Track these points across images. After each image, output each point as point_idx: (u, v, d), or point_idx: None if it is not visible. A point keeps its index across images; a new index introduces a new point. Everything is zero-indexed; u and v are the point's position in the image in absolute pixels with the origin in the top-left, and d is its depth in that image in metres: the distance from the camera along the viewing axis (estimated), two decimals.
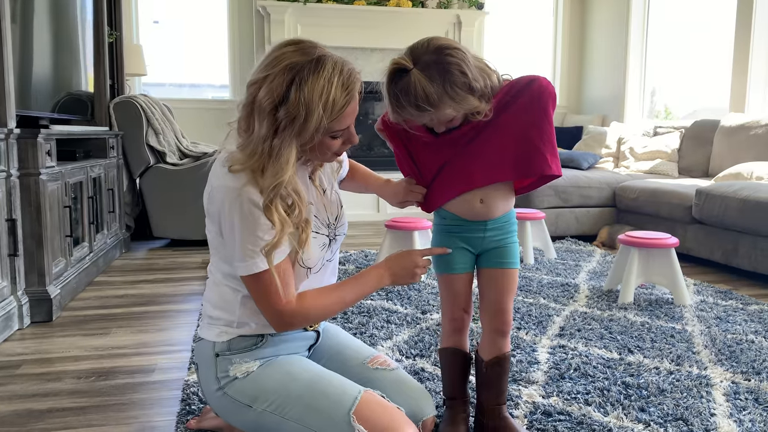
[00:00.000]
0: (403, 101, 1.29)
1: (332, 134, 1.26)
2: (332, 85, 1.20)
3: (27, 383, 1.87)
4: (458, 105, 1.29)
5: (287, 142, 1.21)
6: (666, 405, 1.66)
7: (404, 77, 1.27)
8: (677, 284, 2.66)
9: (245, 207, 1.21)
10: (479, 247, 1.47)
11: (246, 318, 1.34)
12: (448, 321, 1.52)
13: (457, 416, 1.52)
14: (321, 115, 1.19)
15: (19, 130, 2.36)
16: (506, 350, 1.49)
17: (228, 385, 1.33)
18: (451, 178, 1.42)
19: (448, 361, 1.55)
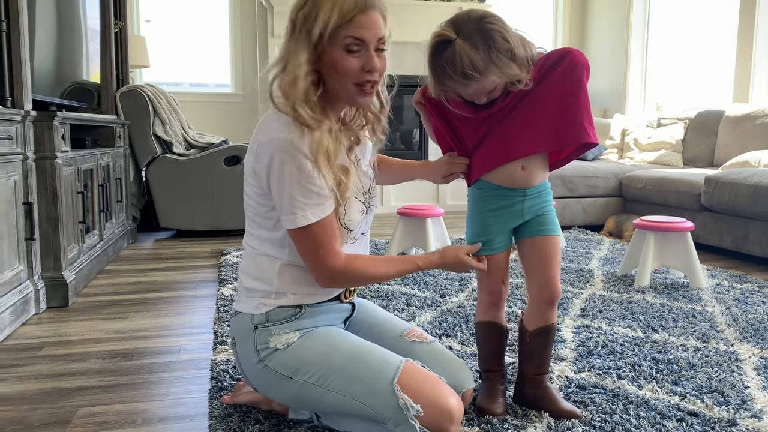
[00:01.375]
0: (450, 71, 1.29)
1: (347, 44, 1.21)
2: None
3: (52, 363, 1.85)
4: (502, 72, 1.29)
5: (301, 43, 1.21)
6: (699, 378, 1.66)
7: (448, 48, 1.27)
8: (693, 268, 2.67)
9: (296, 158, 1.21)
10: (519, 219, 1.46)
11: (284, 288, 1.33)
12: (486, 294, 1.51)
13: (494, 388, 1.51)
14: (329, 13, 1.18)
15: (35, 112, 2.34)
16: (552, 321, 1.48)
17: (268, 357, 1.31)
18: (492, 149, 1.42)
19: (486, 334, 1.54)
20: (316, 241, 1.26)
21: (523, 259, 1.50)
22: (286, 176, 1.21)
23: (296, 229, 1.25)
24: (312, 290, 1.34)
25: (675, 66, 5.45)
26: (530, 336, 1.48)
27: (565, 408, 1.45)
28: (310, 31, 1.21)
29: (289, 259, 1.33)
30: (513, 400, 1.53)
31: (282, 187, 1.23)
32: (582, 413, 1.45)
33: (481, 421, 1.42)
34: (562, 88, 1.35)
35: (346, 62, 1.23)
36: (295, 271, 1.33)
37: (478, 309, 1.55)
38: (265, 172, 1.25)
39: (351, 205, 1.34)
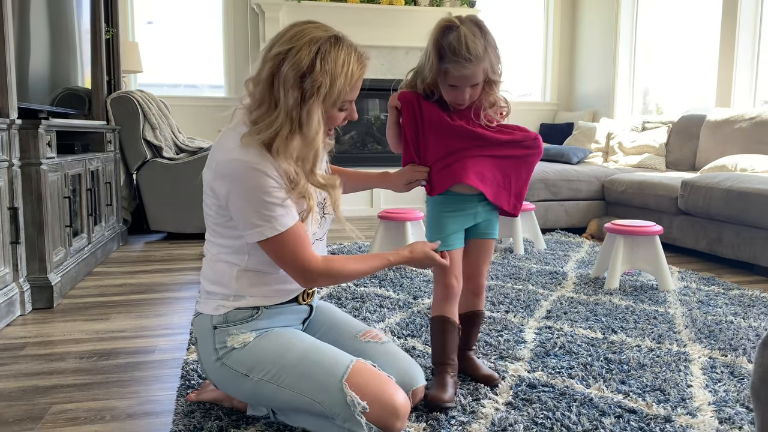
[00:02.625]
0: (453, 51, 1.45)
1: (341, 106, 1.38)
2: (351, 58, 1.34)
3: (31, 363, 1.93)
4: (492, 65, 1.50)
5: (314, 109, 1.32)
6: (645, 378, 1.74)
7: (453, 31, 1.45)
8: (661, 270, 2.74)
9: (258, 178, 1.29)
10: (471, 221, 1.64)
11: (242, 291, 1.41)
12: (441, 288, 1.64)
13: (445, 380, 1.61)
14: (343, 84, 1.32)
15: (20, 120, 2.42)
16: (478, 308, 1.74)
17: (226, 356, 1.40)
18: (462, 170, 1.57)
19: (439, 328, 1.65)
20: (288, 248, 1.34)
21: (464, 258, 1.67)
22: (249, 195, 1.30)
23: (266, 240, 1.33)
24: (269, 293, 1.43)
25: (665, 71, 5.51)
26: (460, 318, 1.70)
27: (484, 373, 1.70)
28: (325, 99, 1.32)
29: (247, 264, 1.41)
30: None
31: (246, 204, 1.31)
32: (498, 377, 1.70)
33: (429, 417, 1.50)
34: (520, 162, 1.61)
35: (337, 117, 1.40)
36: (253, 275, 1.41)
37: (433, 304, 1.67)
38: (224, 191, 1.33)
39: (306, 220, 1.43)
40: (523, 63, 6.61)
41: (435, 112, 1.55)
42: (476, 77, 1.49)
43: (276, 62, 1.32)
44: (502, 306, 2.45)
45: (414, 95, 1.58)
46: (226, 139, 1.37)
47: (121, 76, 4.49)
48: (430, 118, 1.56)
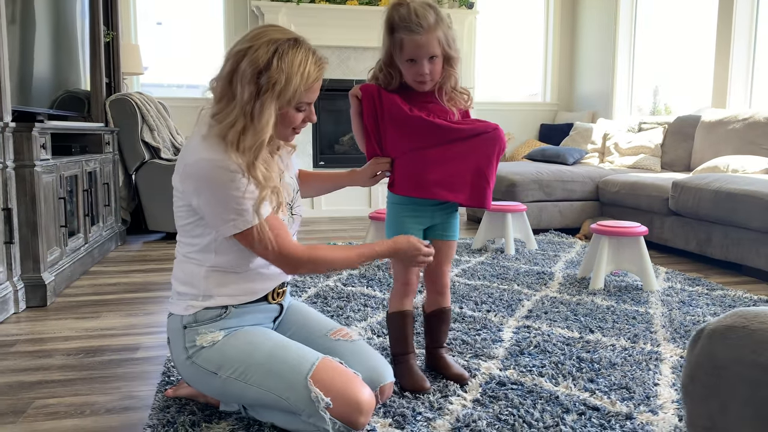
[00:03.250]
0: (403, 21, 1.51)
1: (298, 106, 1.42)
2: (308, 60, 1.39)
3: (20, 359, 1.99)
4: (446, 36, 1.55)
5: (267, 104, 1.36)
6: (614, 376, 1.77)
7: (404, 5, 1.52)
8: (645, 271, 2.77)
9: (225, 174, 1.33)
10: (429, 221, 1.69)
11: (210, 291, 1.46)
12: (401, 285, 1.72)
13: (411, 367, 1.71)
14: (298, 83, 1.37)
15: (14, 123, 2.49)
16: (445, 305, 1.80)
17: (195, 354, 1.44)
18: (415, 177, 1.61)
19: (401, 322, 1.74)
20: (267, 237, 1.38)
21: None
22: (218, 192, 1.34)
23: (242, 233, 1.37)
24: (237, 292, 1.47)
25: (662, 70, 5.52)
26: (429, 317, 1.81)
27: (455, 372, 1.75)
28: (280, 96, 1.37)
29: (215, 263, 1.45)
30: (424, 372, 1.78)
31: (216, 201, 1.35)
32: (468, 377, 1.74)
33: (395, 413, 1.54)
34: (483, 152, 1.61)
35: (295, 117, 1.44)
36: (221, 275, 1.46)
37: (392, 300, 1.75)
38: (193, 192, 1.38)
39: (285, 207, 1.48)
40: (523, 63, 6.63)
41: (394, 104, 1.59)
42: (431, 46, 1.53)
43: (236, 59, 1.37)
44: (484, 306, 2.49)
45: (375, 87, 1.63)
46: (191, 140, 1.43)
47: (121, 78, 4.56)
48: (390, 110, 1.59)
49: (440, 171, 1.60)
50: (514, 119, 6.49)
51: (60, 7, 3.34)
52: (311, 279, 2.92)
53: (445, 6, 5.64)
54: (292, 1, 5.32)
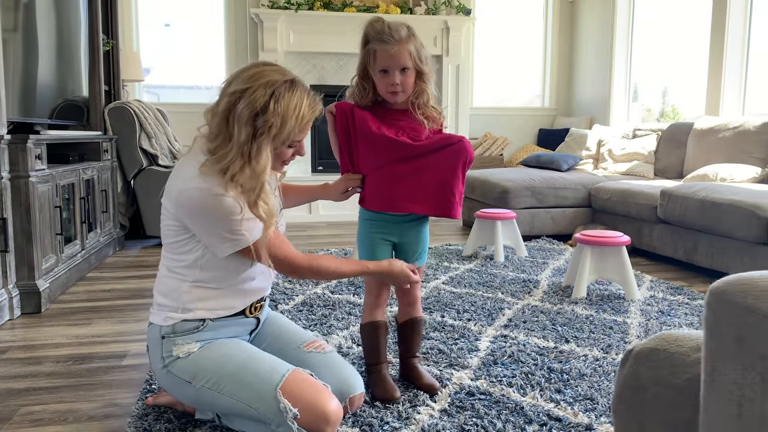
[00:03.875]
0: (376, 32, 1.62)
1: (290, 144, 1.50)
2: (303, 102, 1.47)
3: (10, 366, 2.07)
4: (417, 50, 1.64)
5: (264, 146, 1.43)
6: (581, 387, 1.82)
7: (379, 21, 1.64)
8: (627, 280, 2.81)
9: (220, 203, 1.41)
10: (397, 238, 1.76)
11: (189, 304, 1.52)
12: (373, 298, 1.80)
13: (384, 377, 1.78)
14: (293, 126, 1.44)
15: (9, 136, 2.57)
16: (416, 315, 1.87)
17: (171, 364, 1.51)
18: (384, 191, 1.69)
19: (374, 332, 1.81)
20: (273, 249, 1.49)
21: None
22: (215, 220, 1.42)
23: (243, 249, 1.45)
24: (215, 307, 1.54)
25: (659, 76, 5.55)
26: (401, 326, 1.88)
27: (425, 382, 1.81)
28: (275, 138, 1.45)
29: (199, 278, 1.52)
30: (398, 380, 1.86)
31: (213, 229, 1.43)
32: (439, 387, 1.80)
33: (363, 423, 1.60)
34: (448, 164, 1.66)
35: (286, 153, 1.53)
36: (202, 291, 1.52)
37: (364, 311, 1.82)
38: (188, 217, 1.45)
39: None
40: (521, 69, 6.67)
41: (365, 122, 1.66)
42: (402, 57, 1.61)
43: (233, 99, 1.43)
44: (466, 314, 2.54)
45: (350, 105, 1.70)
46: (186, 168, 1.48)
47: (121, 86, 4.64)
48: (361, 127, 1.67)
49: (407, 185, 1.66)
50: (512, 124, 6.53)
51: (61, 15, 3.42)
52: (300, 286, 2.98)
53: (443, 13, 5.69)
54: (291, 8, 5.39)
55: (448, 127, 5.83)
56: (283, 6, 5.39)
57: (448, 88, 5.82)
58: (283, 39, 5.48)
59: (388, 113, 1.71)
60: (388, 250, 1.78)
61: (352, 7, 5.54)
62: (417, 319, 1.87)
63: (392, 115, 1.71)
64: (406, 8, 5.66)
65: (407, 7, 5.67)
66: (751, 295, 0.71)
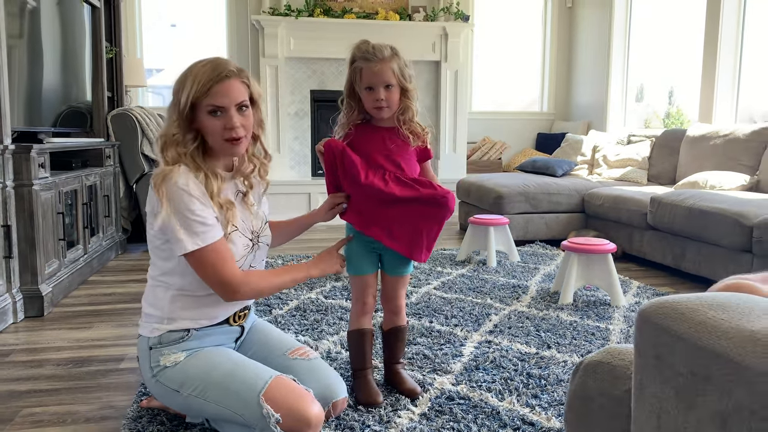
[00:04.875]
0: (361, 52, 1.72)
1: (209, 110, 1.53)
2: (206, 66, 1.55)
3: (13, 369, 2.16)
4: (401, 69, 1.73)
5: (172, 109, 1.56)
6: (557, 393, 1.90)
7: (365, 42, 1.75)
8: (613, 287, 2.88)
9: (174, 191, 1.49)
10: (382, 248, 1.83)
11: (174, 314, 1.60)
12: (360, 306, 1.88)
13: (368, 382, 1.86)
14: (190, 88, 1.52)
15: (14, 146, 2.66)
16: (400, 323, 1.94)
17: (159, 374, 1.59)
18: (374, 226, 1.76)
19: (360, 339, 1.89)
20: (209, 263, 1.52)
21: (383, 284, 1.91)
22: (170, 208, 1.49)
23: (189, 254, 1.51)
24: (198, 316, 1.62)
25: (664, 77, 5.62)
26: (385, 335, 1.97)
27: (407, 387, 1.89)
28: (179, 101, 1.54)
29: (180, 286, 1.60)
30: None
31: (169, 219, 1.50)
32: (420, 392, 1.88)
33: (345, 426, 1.68)
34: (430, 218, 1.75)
35: (211, 123, 1.55)
36: (185, 299, 1.61)
37: (351, 319, 1.91)
38: (152, 211, 1.54)
39: (235, 240, 1.61)
40: (520, 74, 6.74)
41: (354, 168, 1.73)
42: (386, 74, 1.70)
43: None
44: (453, 320, 2.62)
45: (340, 146, 1.76)
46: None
47: (124, 92, 4.74)
48: (350, 173, 1.74)
49: (386, 217, 1.74)
50: (511, 128, 6.61)
51: (65, 22, 3.52)
52: (294, 292, 3.06)
53: (441, 19, 5.77)
54: (291, 15, 5.48)
55: (446, 131, 5.91)
56: (284, 13, 5.48)
57: (447, 94, 5.89)
58: (284, 45, 5.57)
59: (376, 133, 1.79)
60: (374, 259, 1.85)
61: (351, 14, 5.62)
62: (401, 327, 1.95)
63: (379, 133, 1.79)
64: (405, 15, 5.73)
65: (406, 14, 5.75)
66: (670, 318, 0.79)
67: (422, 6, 5.83)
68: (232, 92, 1.53)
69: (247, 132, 1.59)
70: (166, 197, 1.50)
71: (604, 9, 5.89)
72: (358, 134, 1.80)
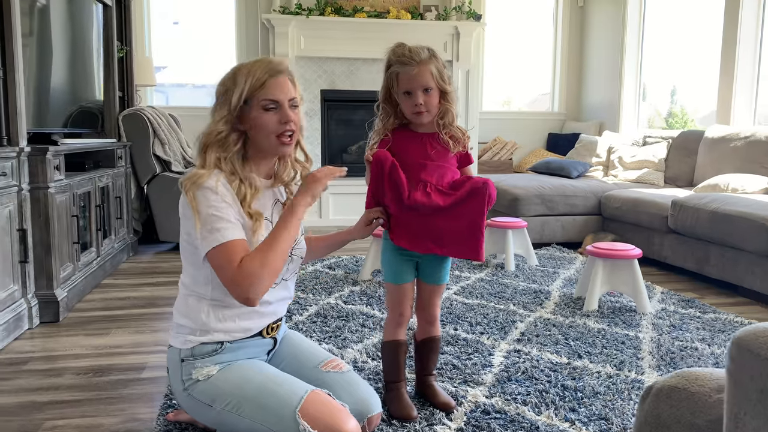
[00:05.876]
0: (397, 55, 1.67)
1: (263, 105, 1.48)
2: (257, 63, 1.51)
3: (32, 378, 2.11)
4: (439, 71, 1.68)
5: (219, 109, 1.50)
6: (595, 406, 1.84)
7: (400, 46, 1.70)
8: (639, 293, 2.83)
9: (200, 189, 1.44)
10: (420, 256, 1.77)
11: (208, 326, 1.55)
12: (397, 316, 1.81)
13: (401, 395, 1.81)
14: (244, 84, 1.47)
15: (29, 148, 2.60)
16: (434, 334, 1.88)
17: (192, 387, 1.54)
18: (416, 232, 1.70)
19: (395, 351, 1.83)
20: (224, 262, 1.44)
21: (419, 293, 1.84)
22: (195, 204, 1.44)
23: (210, 252, 1.45)
24: (233, 329, 1.56)
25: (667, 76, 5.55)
26: (419, 344, 1.90)
27: (441, 401, 1.84)
28: (230, 100, 1.49)
29: (212, 296, 1.54)
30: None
31: (194, 218, 1.45)
32: (455, 405, 1.82)
33: None
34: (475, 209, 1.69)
35: (265, 118, 1.50)
36: (218, 310, 1.55)
37: (386, 329, 1.84)
38: (183, 212, 1.49)
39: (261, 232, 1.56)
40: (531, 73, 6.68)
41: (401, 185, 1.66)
42: (425, 78, 1.65)
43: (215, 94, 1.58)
44: (478, 327, 2.56)
45: (390, 160, 1.68)
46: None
47: (135, 91, 4.68)
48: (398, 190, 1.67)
49: (434, 227, 1.68)
50: (522, 128, 6.54)
51: (75, 21, 3.46)
52: (312, 296, 3.01)
53: (453, 19, 5.70)
54: (302, 14, 5.41)
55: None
56: (294, 12, 5.41)
57: (458, 93, 5.81)
58: (294, 44, 5.51)
59: (414, 138, 1.73)
60: (412, 267, 1.79)
61: (362, 13, 5.56)
62: (435, 337, 1.89)
63: (419, 138, 1.72)
64: (416, 14, 5.67)
65: (418, 13, 5.68)
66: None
67: (434, 5, 5.76)
68: (286, 88, 1.51)
69: (297, 130, 1.55)
70: (195, 200, 1.45)
71: (617, 8, 5.82)
72: (396, 141, 1.74)
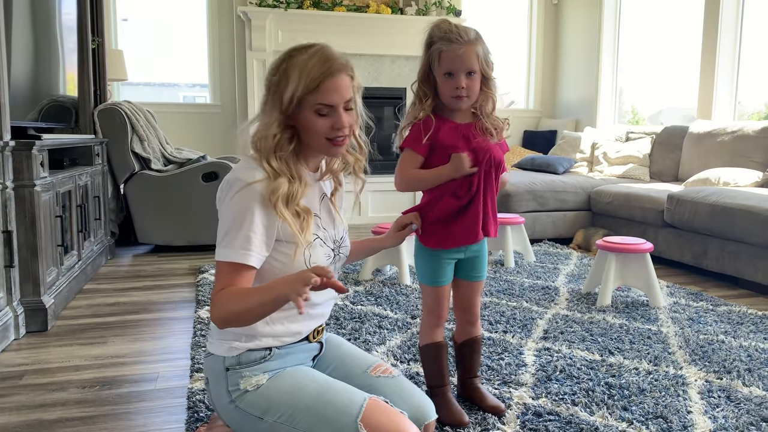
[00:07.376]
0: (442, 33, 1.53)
1: (316, 109, 1.34)
2: (313, 58, 1.34)
3: (32, 393, 1.91)
4: (485, 53, 1.56)
5: (270, 105, 1.36)
6: (646, 404, 1.78)
7: (445, 22, 1.57)
8: (652, 287, 2.80)
9: (244, 197, 1.30)
10: (462, 255, 1.70)
11: (254, 330, 1.41)
12: (434, 318, 1.72)
13: (449, 400, 1.71)
14: (297, 82, 1.32)
15: (14, 142, 2.39)
16: (475, 334, 1.80)
17: (239, 398, 1.39)
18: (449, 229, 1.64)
19: (436, 354, 1.74)
20: (223, 279, 1.30)
21: (455, 290, 1.75)
22: (230, 210, 1.31)
23: (217, 262, 1.33)
24: (281, 333, 1.43)
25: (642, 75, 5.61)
26: (460, 346, 1.81)
27: (491, 404, 1.75)
28: (281, 97, 1.34)
29: None
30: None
31: (223, 219, 1.32)
32: (505, 408, 1.74)
33: None
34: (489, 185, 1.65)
35: (317, 123, 1.36)
36: None
37: (423, 333, 1.74)
38: (220, 204, 1.36)
39: (316, 249, 1.43)
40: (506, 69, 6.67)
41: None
42: (470, 59, 1.52)
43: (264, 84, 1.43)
44: (499, 326, 2.48)
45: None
46: (238, 163, 1.41)
47: (107, 86, 4.43)
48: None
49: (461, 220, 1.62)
50: None
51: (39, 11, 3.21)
52: None
53: (433, 13, 5.64)
54: (280, 6, 5.25)
55: None
56: (272, 4, 5.24)
57: None
58: (272, 38, 5.34)
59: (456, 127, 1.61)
60: (451, 267, 1.70)
61: (342, 7, 5.43)
62: (477, 338, 1.80)
63: (461, 128, 1.61)
64: (396, 9, 5.58)
65: (398, 8, 5.60)
66: None
67: (414, 0, 5.69)
68: (342, 89, 1.35)
69: (351, 132, 1.42)
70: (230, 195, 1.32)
71: (593, 6, 5.86)
72: (437, 129, 1.63)
